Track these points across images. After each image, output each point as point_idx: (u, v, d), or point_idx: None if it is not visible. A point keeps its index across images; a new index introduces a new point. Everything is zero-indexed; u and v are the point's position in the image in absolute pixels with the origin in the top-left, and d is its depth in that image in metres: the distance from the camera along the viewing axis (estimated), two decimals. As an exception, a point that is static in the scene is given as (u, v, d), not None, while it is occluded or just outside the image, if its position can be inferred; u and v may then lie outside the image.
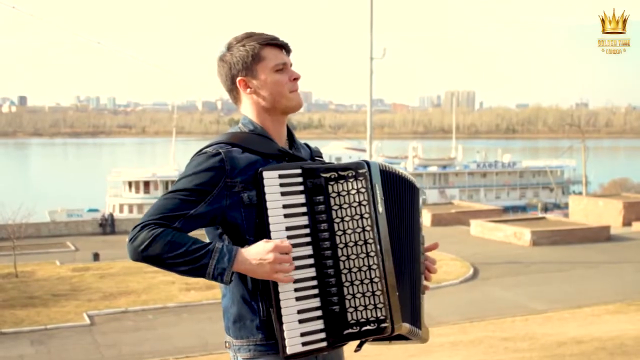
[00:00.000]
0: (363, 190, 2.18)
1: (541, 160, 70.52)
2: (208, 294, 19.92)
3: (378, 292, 2.16)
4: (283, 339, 2.10)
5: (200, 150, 2.25)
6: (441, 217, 35.87)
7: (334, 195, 2.18)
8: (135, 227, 2.10)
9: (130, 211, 49.61)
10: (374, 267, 2.16)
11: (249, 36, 2.31)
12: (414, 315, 2.30)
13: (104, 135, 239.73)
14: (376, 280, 2.16)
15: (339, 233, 2.17)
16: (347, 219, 2.18)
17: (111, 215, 40.90)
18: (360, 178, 2.18)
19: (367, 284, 2.16)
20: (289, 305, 2.12)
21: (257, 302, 2.20)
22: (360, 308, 2.16)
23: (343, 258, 2.17)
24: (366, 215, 2.17)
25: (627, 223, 34.43)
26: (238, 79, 2.30)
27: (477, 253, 26.79)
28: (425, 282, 2.42)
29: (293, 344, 2.11)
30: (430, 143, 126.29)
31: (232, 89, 2.35)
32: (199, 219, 2.15)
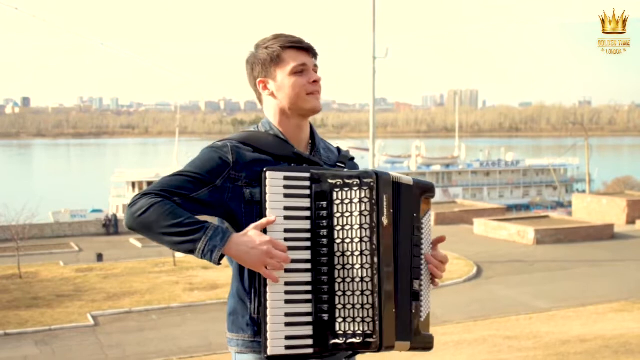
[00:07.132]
0: (366, 200, 2.12)
1: (544, 159, 70.21)
2: (211, 294, 19.94)
3: (367, 306, 2.10)
4: (266, 339, 2.10)
5: (212, 144, 2.29)
6: (444, 216, 35.86)
7: (337, 202, 2.13)
8: (136, 195, 2.12)
9: (134, 212, 49.52)
10: (367, 279, 2.10)
11: (274, 38, 2.32)
12: (411, 329, 2.24)
13: (107, 135, 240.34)
14: (367, 293, 2.10)
15: (338, 241, 2.13)
16: (347, 227, 2.12)
17: (115, 215, 40.96)
18: (365, 187, 2.12)
19: (358, 296, 2.10)
20: (276, 306, 2.10)
21: (250, 298, 2.21)
22: (349, 319, 2.10)
23: (339, 267, 2.12)
24: (365, 226, 2.11)
25: (630, 221, 34.36)
26: (258, 80, 2.33)
27: (481, 252, 26.78)
28: (431, 285, 2.35)
29: (275, 345, 2.09)
30: (434, 142, 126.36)
31: (255, 90, 2.38)
32: (199, 204, 2.15)
